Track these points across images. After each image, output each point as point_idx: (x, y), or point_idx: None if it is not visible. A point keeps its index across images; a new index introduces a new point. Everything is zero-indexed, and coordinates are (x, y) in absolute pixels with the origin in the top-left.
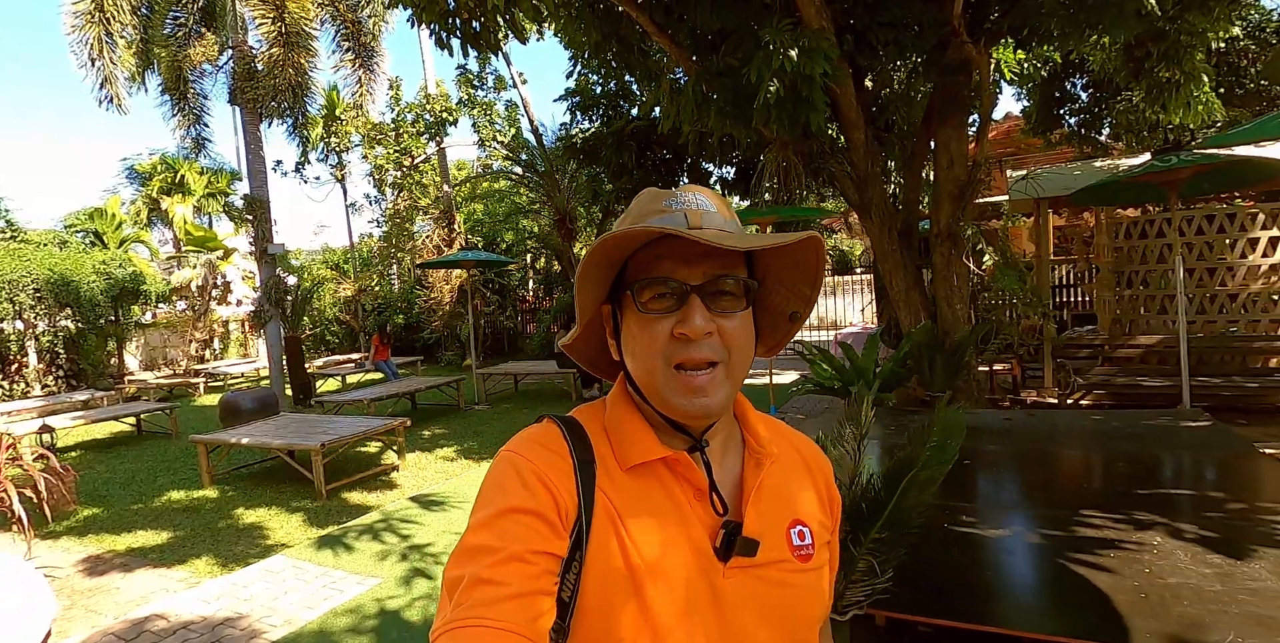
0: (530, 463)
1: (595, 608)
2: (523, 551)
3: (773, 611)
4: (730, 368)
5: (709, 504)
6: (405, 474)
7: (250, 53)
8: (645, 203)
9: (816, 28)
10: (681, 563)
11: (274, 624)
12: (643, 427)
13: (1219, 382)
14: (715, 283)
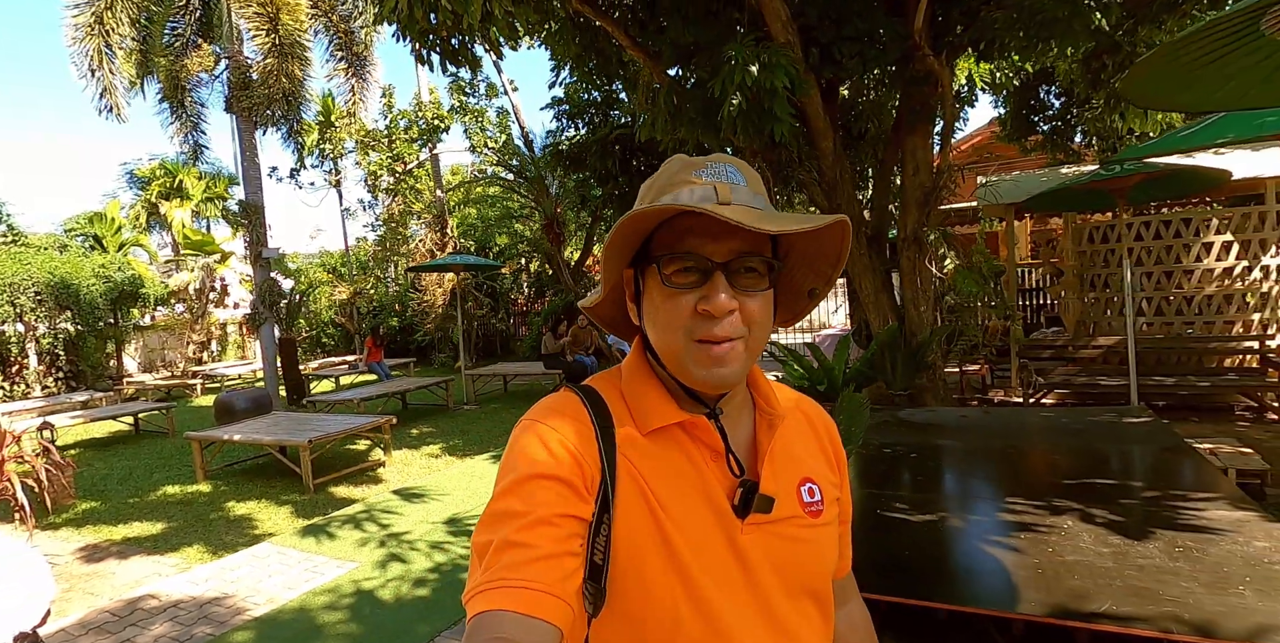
0: (553, 430)
1: (628, 567)
2: (549, 514)
3: (787, 564)
4: (749, 343)
5: (725, 465)
6: (391, 470)
7: (246, 63)
8: (675, 171)
9: (783, 42)
10: (703, 520)
11: (257, 603)
12: (660, 392)
13: (1173, 381)
14: (740, 261)
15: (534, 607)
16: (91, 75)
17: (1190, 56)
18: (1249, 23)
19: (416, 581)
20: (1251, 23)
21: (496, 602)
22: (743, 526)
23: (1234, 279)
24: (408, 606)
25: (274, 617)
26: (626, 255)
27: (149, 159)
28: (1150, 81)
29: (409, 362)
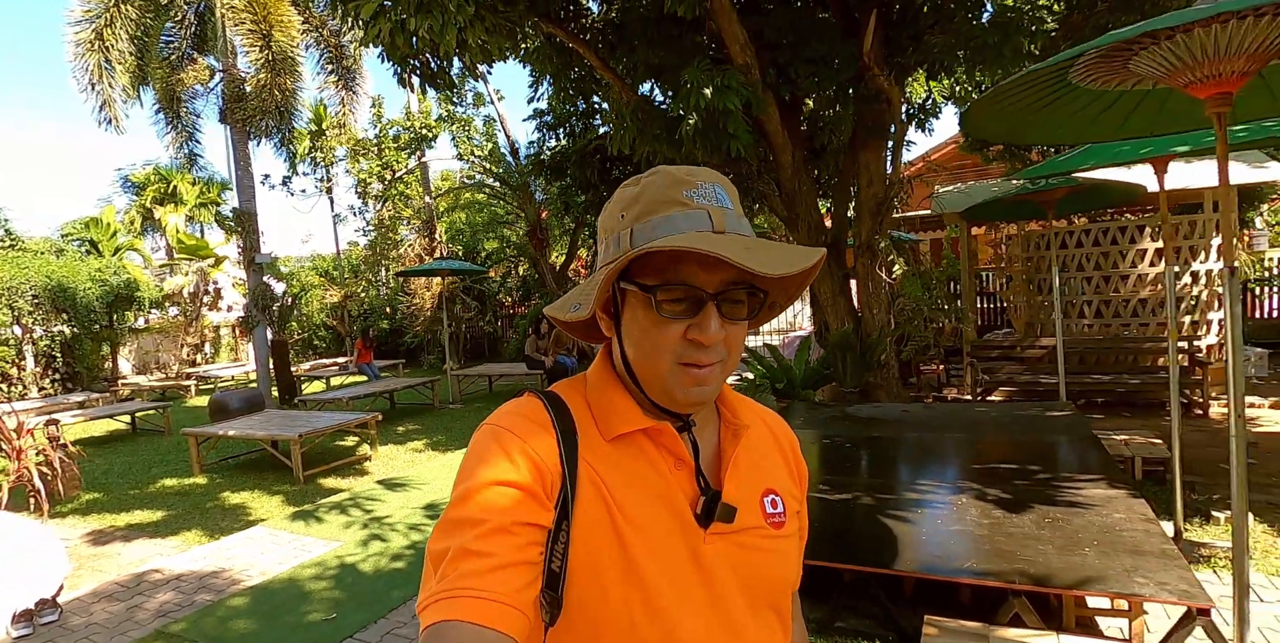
0: (513, 435)
1: (586, 574)
2: (508, 522)
3: (749, 575)
4: (727, 364)
5: (689, 474)
6: (376, 463)
7: (240, 76)
8: (663, 187)
9: (741, 63)
10: (665, 528)
11: (251, 575)
12: (625, 399)
13: (1109, 379)
14: (730, 292)
15: (489, 618)
16: (91, 89)
17: (1025, 101)
18: (1060, 75)
19: (394, 556)
20: (1062, 75)
21: (452, 612)
22: (705, 535)
23: (1163, 285)
24: (384, 576)
25: (266, 586)
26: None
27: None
28: (990, 120)
29: (398, 363)
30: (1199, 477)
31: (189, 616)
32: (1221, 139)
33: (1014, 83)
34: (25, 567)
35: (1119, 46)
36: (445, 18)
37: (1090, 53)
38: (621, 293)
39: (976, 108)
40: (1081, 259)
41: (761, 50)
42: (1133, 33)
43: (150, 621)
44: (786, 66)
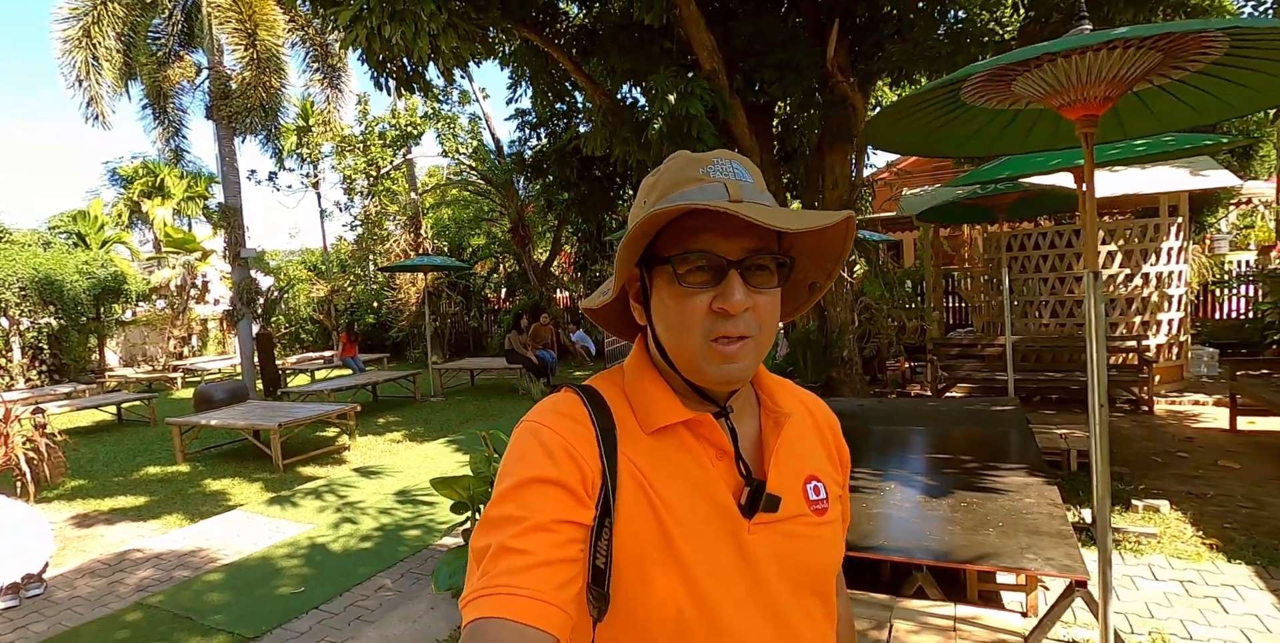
0: (553, 432)
1: (631, 569)
2: (547, 520)
3: (793, 563)
4: (759, 340)
5: (731, 464)
6: (355, 452)
7: (226, 74)
8: (680, 168)
9: (709, 69)
10: (709, 520)
11: (228, 554)
12: (665, 391)
13: (1061, 376)
14: (753, 258)
15: (529, 615)
16: (79, 85)
17: (927, 117)
18: (954, 94)
19: (363, 537)
20: (955, 95)
21: (491, 609)
22: (749, 525)
23: (1118, 285)
24: (353, 554)
25: (241, 563)
26: (637, 254)
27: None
28: (896, 134)
29: (383, 357)
30: (1130, 469)
31: (167, 590)
32: (1088, 157)
33: (910, 101)
34: (12, 544)
35: (1001, 71)
36: (418, 26)
37: (975, 76)
38: (650, 277)
39: (875, 123)
40: (1039, 261)
41: (730, 56)
42: (1007, 60)
43: (130, 594)
44: (753, 72)
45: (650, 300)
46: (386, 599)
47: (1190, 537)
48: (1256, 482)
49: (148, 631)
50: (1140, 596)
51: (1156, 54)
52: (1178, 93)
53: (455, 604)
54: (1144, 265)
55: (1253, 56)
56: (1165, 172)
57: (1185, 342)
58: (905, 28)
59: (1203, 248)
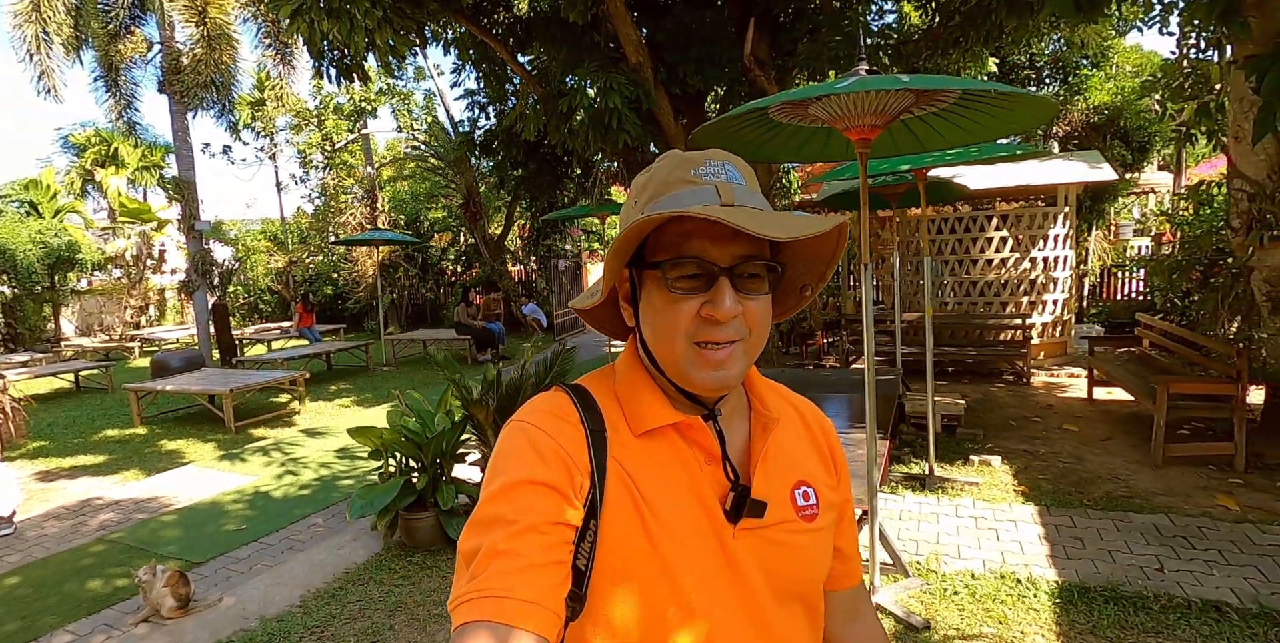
0: (543, 433)
1: (614, 571)
2: (538, 521)
3: (778, 569)
4: (749, 345)
5: (719, 468)
6: (304, 416)
7: (177, 49)
8: (671, 169)
9: (635, 62)
10: (694, 524)
11: (180, 501)
12: (655, 393)
13: (954, 351)
14: (744, 266)
15: (519, 618)
16: (30, 59)
17: (749, 131)
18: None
19: (302, 486)
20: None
21: (482, 612)
22: (734, 530)
23: (1009, 268)
24: (291, 500)
25: (192, 507)
26: (626, 256)
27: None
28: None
29: (340, 328)
30: (985, 430)
31: (125, 528)
32: (863, 173)
33: (730, 119)
34: None
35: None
36: (353, 23)
37: (774, 104)
38: (639, 279)
39: (701, 134)
40: (941, 244)
41: (657, 49)
42: (790, 97)
43: (92, 532)
44: (676, 66)
45: (639, 303)
46: (317, 534)
47: (1005, 485)
48: (1086, 442)
49: (109, 559)
50: (938, 528)
51: (910, 96)
52: (930, 123)
53: (374, 536)
54: (1032, 250)
55: (973, 105)
56: (1059, 164)
57: (1069, 320)
58: (818, 27)
59: (1105, 234)
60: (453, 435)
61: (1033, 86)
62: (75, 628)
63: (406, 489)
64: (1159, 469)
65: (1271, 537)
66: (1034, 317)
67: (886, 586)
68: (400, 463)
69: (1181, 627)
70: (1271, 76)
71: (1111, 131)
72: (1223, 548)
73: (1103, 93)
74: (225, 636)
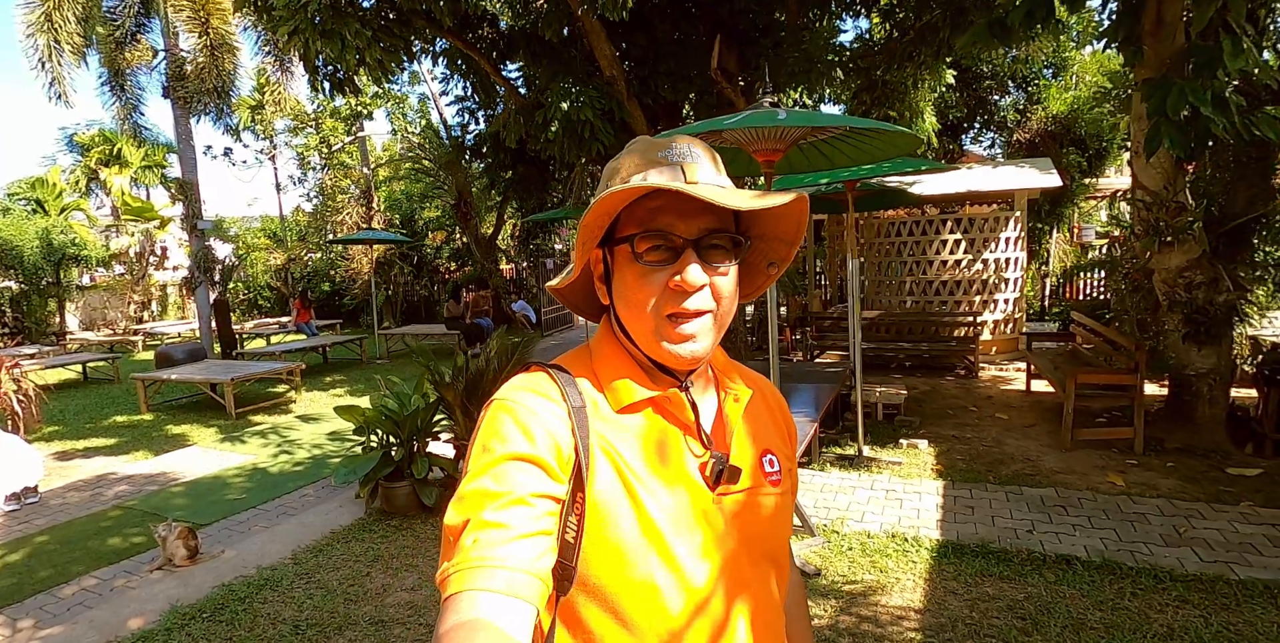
0: (525, 408)
1: (604, 543)
2: (525, 494)
3: (753, 532)
4: (718, 317)
5: (696, 438)
6: (300, 405)
7: (181, 57)
8: (640, 151)
9: (609, 75)
10: (677, 491)
11: (186, 476)
12: (632, 369)
13: (909, 346)
14: (710, 238)
15: (510, 586)
16: (42, 67)
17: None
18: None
19: (296, 463)
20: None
21: (472, 582)
22: (715, 495)
23: (962, 269)
24: (286, 475)
25: (197, 481)
26: (597, 234)
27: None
28: None
29: (337, 323)
30: (923, 418)
31: (139, 497)
32: (768, 186)
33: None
34: (10, 462)
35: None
36: (344, 43)
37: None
38: (612, 257)
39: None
40: (901, 246)
41: (632, 63)
42: (699, 129)
43: (109, 501)
44: (648, 79)
45: (613, 280)
46: (308, 502)
47: (925, 464)
48: (1011, 429)
49: (126, 522)
50: (852, 499)
51: (806, 127)
52: (834, 145)
53: (358, 504)
54: (984, 252)
55: (859, 134)
56: (1011, 171)
57: (1020, 318)
58: (780, 44)
59: (1066, 237)
60: (427, 415)
61: (995, 95)
62: (100, 574)
63: (385, 461)
64: (1067, 452)
65: (1138, 507)
66: (985, 315)
67: (793, 543)
68: (381, 439)
69: (1033, 576)
70: (1155, 99)
71: (1068, 139)
72: (1092, 515)
73: (1060, 102)
74: (227, 580)
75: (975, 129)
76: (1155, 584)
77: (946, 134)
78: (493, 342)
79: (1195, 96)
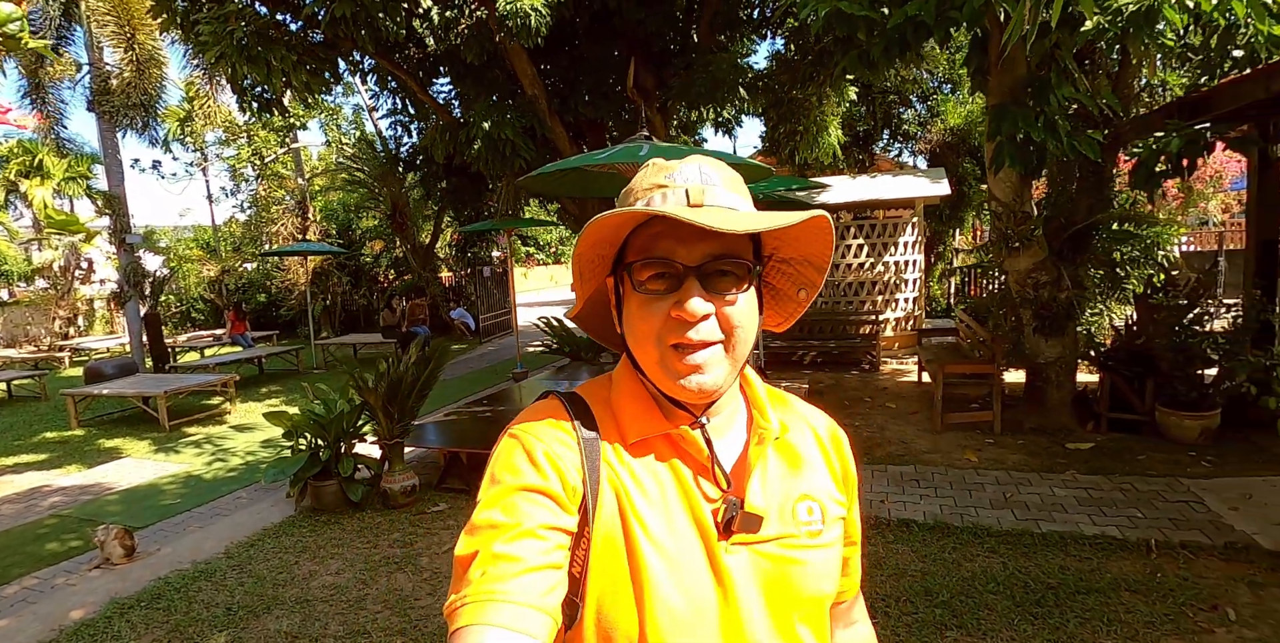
0: (537, 441)
1: (602, 581)
2: (535, 526)
3: (775, 588)
4: (730, 347)
5: (713, 480)
6: (235, 416)
7: (106, 71)
8: (648, 175)
9: (531, 94)
10: (683, 537)
11: (120, 485)
12: (646, 402)
13: (818, 343)
14: (715, 264)
15: (518, 621)
16: None
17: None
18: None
19: (230, 470)
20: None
21: (479, 616)
22: (727, 544)
23: (865, 271)
24: (220, 480)
25: (132, 489)
26: (602, 263)
27: (4, 137)
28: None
29: (273, 334)
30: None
31: (74, 506)
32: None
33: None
34: None
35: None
36: (270, 67)
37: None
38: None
39: (525, 181)
40: None
41: (556, 82)
42: (589, 161)
43: (45, 510)
44: (569, 97)
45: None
46: (241, 503)
47: None
48: (896, 416)
49: (62, 528)
50: None
51: None
52: None
53: (289, 503)
54: (885, 255)
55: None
56: (909, 180)
57: (920, 315)
58: (691, 65)
59: (968, 239)
60: (352, 418)
61: (900, 108)
62: (40, 575)
63: (313, 461)
64: (938, 434)
65: (980, 478)
66: (887, 313)
67: None
68: (310, 442)
69: (875, 538)
70: (993, 123)
71: (964, 149)
72: (939, 486)
73: (956, 116)
74: (164, 574)
75: (885, 140)
76: (973, 539)
77: (857, 145)
78: (413, 349)
79: (1026, 122)
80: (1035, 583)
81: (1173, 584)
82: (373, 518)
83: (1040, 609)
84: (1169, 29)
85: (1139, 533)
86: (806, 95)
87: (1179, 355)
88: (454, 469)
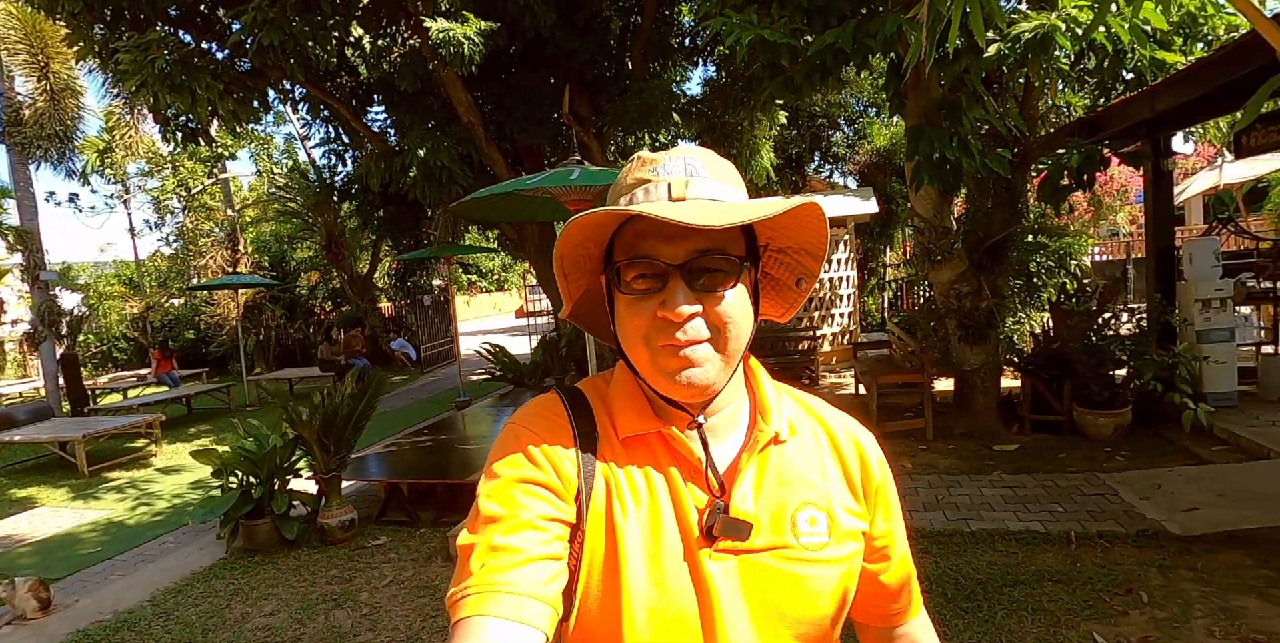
0: (534, 434)
1: (589, 577)
2: (534, 517)
3: (764, 601)
4: (721, 343)
5: (703, 481)
6: (161, 458)
7: (18, 101)
8: (631, 170)
9: (466, 122)
10: (665, 539)
11: (34, 536)
12: (639, 400)
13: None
14: (700, 261)
15: (518, 611)
16: None
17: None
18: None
19: (155, 514)
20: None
21: (481, 607)
22: (711, 550)
23: None
24: (144, 526)
25: (48, 539)
26: (590, 262)
27: None
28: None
29: (202, 372)
30: None
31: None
32: None
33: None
34: None
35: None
36: (195, 96)
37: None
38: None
39: (458, 207)
40: None
41: (492, 109)
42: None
43: None
44: (504, 124)
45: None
46: (168, 548)
47: None
48: None
49: None
50: None
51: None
52: None
53: (219, 545)
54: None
55: None
56: (839, 199)
57: (855, 330)
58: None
59: (899, 255)
60: (285, 453)
61: (830, 131)
62: None
63: (245, 499)
64: None
65: (914, 483)
66: (824, 328)
67: None
68: (241, 480)
69: None
70: (911, 143)
71: (890, 169)
72: None
73: (882, 137)
74: (83, 626)
75: (816, 161)
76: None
77: (790, 167)
78: (349, 380)
79: (941, 143)
80: (965, 579)
81: (1091, 572)
82: (309, 555)
83: (970, 604)
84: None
85: (1060, 526)
86: (738, 120)
87: (1092, 358)
88: (395, 501)
